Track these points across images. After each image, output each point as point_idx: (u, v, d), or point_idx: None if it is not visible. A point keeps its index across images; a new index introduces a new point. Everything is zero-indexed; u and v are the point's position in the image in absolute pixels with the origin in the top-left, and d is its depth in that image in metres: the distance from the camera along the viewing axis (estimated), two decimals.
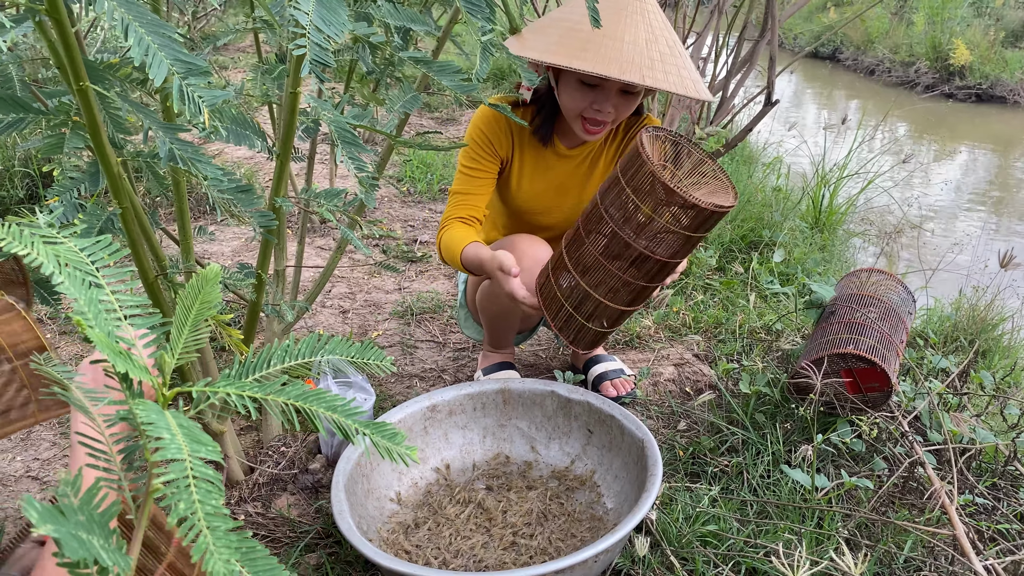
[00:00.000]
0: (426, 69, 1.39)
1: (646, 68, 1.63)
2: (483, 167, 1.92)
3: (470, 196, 1.93)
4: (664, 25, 1.72)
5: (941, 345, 2.53)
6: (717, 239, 3.15)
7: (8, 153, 3.62)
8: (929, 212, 4.76)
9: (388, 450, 0.69)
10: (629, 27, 1.67)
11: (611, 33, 1.65)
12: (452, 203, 1.95)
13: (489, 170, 1.93)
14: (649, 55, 1.65)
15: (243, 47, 7.25)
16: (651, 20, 1.70)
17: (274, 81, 1.69)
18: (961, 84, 8.56)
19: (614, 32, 1.66)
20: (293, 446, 1.90)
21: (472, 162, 1.92)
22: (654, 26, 1.70)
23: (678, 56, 1.70)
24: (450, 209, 1.94)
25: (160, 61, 0.92)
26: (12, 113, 1.17)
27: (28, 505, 0.60)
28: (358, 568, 1.61)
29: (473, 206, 1.93)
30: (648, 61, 1.65)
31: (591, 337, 1.69)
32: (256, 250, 3.18)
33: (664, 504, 1.75)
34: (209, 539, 0.61)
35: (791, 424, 1.98)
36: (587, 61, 1.62)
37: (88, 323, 0.62)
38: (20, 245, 0.62)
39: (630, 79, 1.60)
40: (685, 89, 1.66)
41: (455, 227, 1.90)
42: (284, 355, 0.73)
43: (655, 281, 1.61)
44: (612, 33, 1.65)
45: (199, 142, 1.93)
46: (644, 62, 1.64)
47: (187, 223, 1.61)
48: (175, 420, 0.63)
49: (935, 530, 1.45)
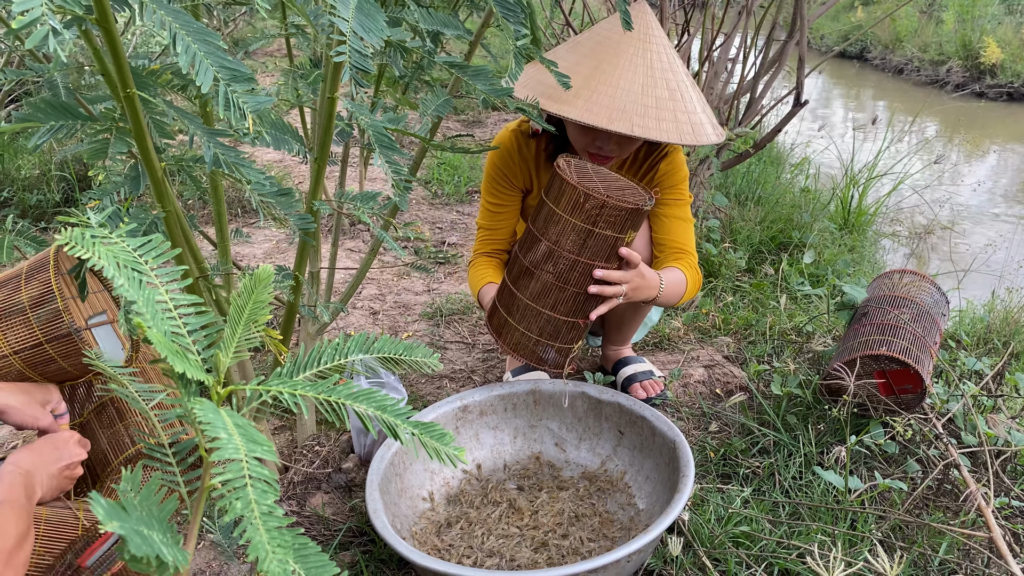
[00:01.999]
0: (460, 73, 1.41)
1: (637, 116, 1.61)
2: (504, 201, 1.98)
3: (494, 231, 2.01)
4: (668, 64, 1.69)
5: (974, 347, 2.51)
6: (746, 241, 3.14)
7: (45, 158, 3.69)
8: (961, 212, 4.70)
9: (437, 451, 0.71)
10: (626, 71, 1.65)
11: (606, 79, 1.64)
12: (479, 238, 2.04)
13: (510, 203, 1.98)
14: (643, 102, 1.63)
15: (271, 51, 7.33)
16: (652, 61, 1.67)
17: (309, 85, 1.71)
18: (992, 83, 8.44)
19: (609, 77, 1.64)
20: (327, 445, 1.93)
21: (493, 197, 1.98)
22: (654, 68, 1.67)
23: (678, 99, 1.67)
24: (478, 244, 2.03)
25: (206, 68, 0.95)
26: (60, 119, 1.20)
27: (95, 502, 0.62)
28: (392, 566, 1.63)
29: (498, 240, 2.02)
30: (641, 108, 1.63)
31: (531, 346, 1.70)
32: (287, 253, 3.22)
33: (696, 505, 1.75)
34: (264, 538, 0.62)
35: (823, 426, 1.97)
36: (576, 108, 1.61)
37: (147, 324, 0.64)
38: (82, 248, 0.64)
39: (618, 129, 1.59)
40: (680, 136, 1.63)
41: (479, 265, 1.99)
42: (335, 353, 0.75)
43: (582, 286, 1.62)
44: (607, 79, 1.64)
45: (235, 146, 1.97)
46: (636, 109, 1.62)
47: (225, 226, 1.64)
48: (231, 419, 0.65)
49: (971, 532, 1.44)
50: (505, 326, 1.70)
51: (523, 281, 1.63)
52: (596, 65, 1.67)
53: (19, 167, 3.67)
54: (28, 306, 1.27)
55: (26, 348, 1.26)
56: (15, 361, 1.27)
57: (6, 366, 1.27)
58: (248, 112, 0.96)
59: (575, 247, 1.55)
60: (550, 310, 1.62)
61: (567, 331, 1.66)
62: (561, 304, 1.62)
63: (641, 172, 1.96)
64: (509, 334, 1.70)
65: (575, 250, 1.55)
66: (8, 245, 1.76)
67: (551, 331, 1.65)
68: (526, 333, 1.67)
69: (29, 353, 1.27)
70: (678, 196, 1.94)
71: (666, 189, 1.93)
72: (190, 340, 0.68)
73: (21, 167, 3.67)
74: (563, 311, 1.63)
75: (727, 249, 3.01)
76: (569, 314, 1.63)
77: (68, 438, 1.22)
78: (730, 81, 3.26)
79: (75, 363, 1.29)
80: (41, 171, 3.64)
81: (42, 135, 1.19)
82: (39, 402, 1.25)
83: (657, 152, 1.93)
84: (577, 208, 1.51)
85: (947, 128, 7.12)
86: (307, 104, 1.84)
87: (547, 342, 1.66)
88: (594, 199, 1.49)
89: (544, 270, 1.59)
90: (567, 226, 1.53)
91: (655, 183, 1.94)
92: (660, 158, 1.93)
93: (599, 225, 1.52)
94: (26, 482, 1.06)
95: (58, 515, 1.17)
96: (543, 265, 1.59)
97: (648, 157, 1.94)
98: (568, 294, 1.60)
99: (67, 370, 1.30)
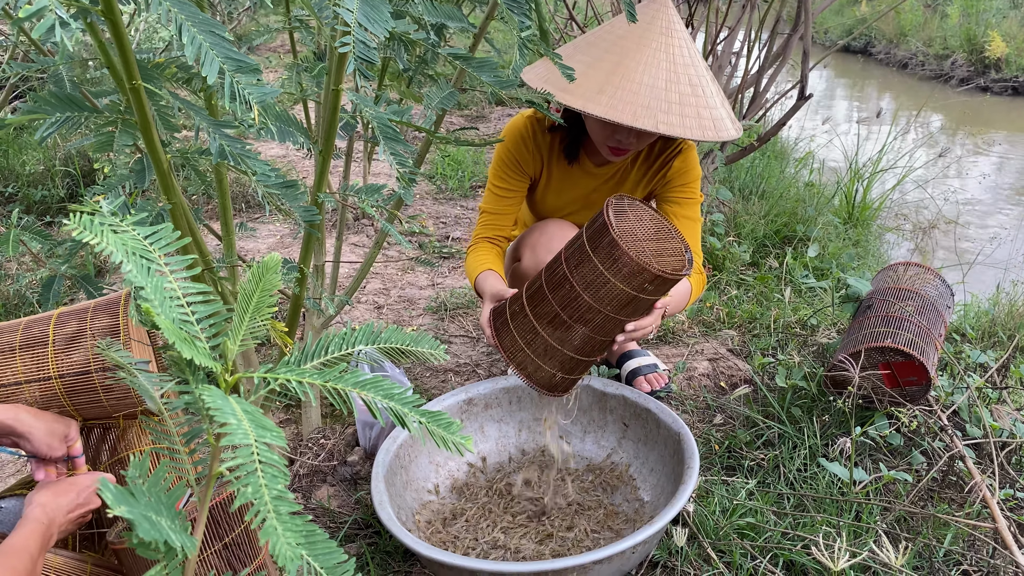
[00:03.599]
0: (465, 65, 1.41)
1: (662, 113, 1.60)
2: (511, 186, 1.95)
3: (498, 216, 1.97)
4: (690, 59, 1.68)
5: (979, 341, 2.51)
6: (751, 235, 3.14)
7: (49, 154, 3.70)
8: (965, 206, 4.69)
9: (443, 439, 0.71)
10: (650, 67, 1.63)
11: (629, 74, 1.62)
12: (481, 222, 1.99)
13: (518, 189, 1.96)
14: (667, 98, 1.62)
15: (274, 47, 7.33)
16: (675, 56, 1.66)
17: (313, 79, 1.72)
18: (997, 77, 8.41)
19: (632, 73, 1.63)
20: (332, 439, 1.93)
21: (501, 181, 1.95)
22: (677, 63, 1.66)
23: (700, 95, 1.66)
24: (479, 228, 1.99)
25: (212, 59, 0.95)
26: (67, 111, 1.21)
27: (104, 487, 0.63)
28: (397, 558, 1.63)
29: (500, 226, 1.98)
30: (665, 105, 1.62)
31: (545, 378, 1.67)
32: (291, 248, 3.23)
33: (701, 497, 1.75)
34: (276, 523, 0.62)
35: (828, 418, 1.97)
36: (601, 105, 1.60)
37: (156, 311, 0.65)
38: (91, 234, 0.64)
39: (643, 126, 1.58)
40: (703, 132, 1.63)
41: (480, 249, 1.95)
42: (342, 342, 0.75)
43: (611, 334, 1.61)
44: (630, 74, 1.63)
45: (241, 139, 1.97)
46: (660, 106, 1.61)
47: (230, 219, 1.64)
48: (240, 406, 0.65)
49: (976, 523, 1.44)
50: (519, 353, 1.66)
51: (549, 321, 1.59)
52: (618, 60, 1.65)
53: (24, 163, 3.68)
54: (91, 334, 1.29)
55: (73, 373, 1.28)
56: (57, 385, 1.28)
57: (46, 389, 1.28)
58: (254, 103, 0.96)
59: (616, 308, 1.52)
60: (574, 352, 1.61)
61: (583, 367, 1.66)
62: (587, 347, 1.60)
63: (655, 168, 1.95)
64: (523, 361, 1.66)
65: (615, 310, 1.53)
66: (14, 239, 1.77)
67: (569, 367, 1.64)
68: (542, 367, 1.64)
69: (74, 379, 1.28)
70: (689, 195, 1.92)
71: (677, 187, 1.92)
72: (198, 328, 0.69)
73: (26, 163, 3.68)
74: (586, 353, 1.61)
75: (731, 243, 3.01)
76: (591, 354, 1.62)
77: (90, 484, 1.21)
78: (734, 75, 3.25)
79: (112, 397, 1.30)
80: (46, 167, 3.64)
81: (48, 127, 1.19)
82: (59, 435, 1.25)
83: (672, 148, 1.92)
84: (629, 277, 1.47)
85: (952, 122, 7.10)
86: (311, 98, 1.84)
87: (562, 375, 1.66)
88: (649, 273, 1.46)
89: (578, 320, 1.55)
90: (613, 289, 1.49)
91: (667, 179, 1.93)
92: (674, 155, 1.92)
93: (646, 292, 1.50)
94: (45, 532, 1.06)
95: (68, 565, 1.17)
96: (577, 316, 1.55)
97: (662, 153, 1.93)
98: (596, 341, 1.59)
99: (102, 403, 1.31)
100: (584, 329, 1.56)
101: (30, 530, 1.04)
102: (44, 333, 1.34)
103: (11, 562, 0.97)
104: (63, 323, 1.34)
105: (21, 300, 2.63)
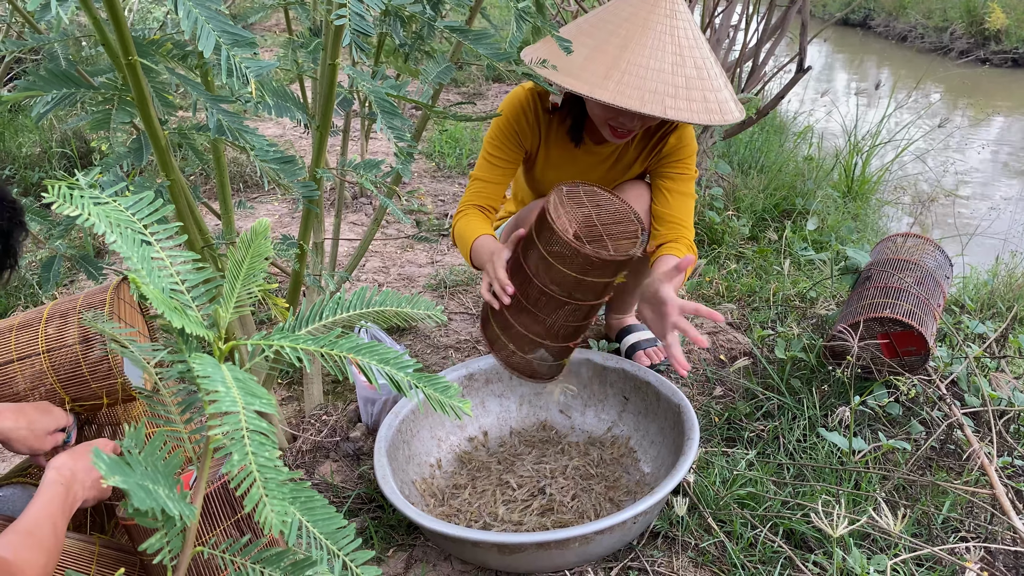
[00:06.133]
0: (462, 38, 1.40)
1: (669, 97, 1.60)
2: (507, 156, 1.92)
3: (490, 185, 1.94)
4: (695, 40, 1.68)
5: (978, 312, 2.51)
6: (749, 208, 3.14)
7: (46, 136, 3.69)
8: (964, 178, 4.68)
9: (440, 403, 0.71)
10: (655, 51, 1.62)
11: (635, 59, 1.61)
12: (472, 189, 1.95)
13: (513, 160, 1.93)
14: (673, 82, 1.62)
15: (269, 26, 7.27)
16: (680, 39, 1.65)
17: (309, 55, 1.71)
18: (997, 49, 8.37)
19: (638, 58, 1.62)
20: (334, 415, 1.94)
21: (497, 150, 1.92)
22: (682, 46, 1.65)
23: (705, 78, 1.65)
24: (469, 195, 1.95)
25: (208, 33, 0.95)
26: (63, 88, 1.20)
27: (97, 457, 0.63)
28: (400, 531, 1.65)
29: (492, 196, 1.94)
30: (672, 89, 1.61)
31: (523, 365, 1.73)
32: (290, 227, 3.22)
33: (701, 468, 1.76)
34: (262, 490, 0.63)
35: (827, 388, 1.98)
36: (608, 91, 1.59)
37: (143, 280, 0.65)
38: (71, 206, 0.64)
39: (651, 111, 1.57)
40: (710, 116, 1.62)
41: (471, 214, 1.91)
42: (336, 308, 0.75)
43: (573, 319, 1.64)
44: (636, 59, 1.61)
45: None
46: (667, 91, 1.60)
47: (228, 197, 1.64)
48: (231, 373, 0.65)
49: (975, 490, 1.45)
50: (498, 342, 1.72)
51: (514, 308, 1.63)
52: (623, 44, 1.64)
53: (20, 145, 3.66)
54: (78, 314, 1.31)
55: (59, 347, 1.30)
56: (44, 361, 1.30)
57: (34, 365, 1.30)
58: (251, 77, 0.96)
59: (566, 291, 1.54)
60: (542, 338, 1.64)
61: (558, 353, 1.69)
62: (553, 333, 1.63)
63: (650, 145, 1.94)
64: (502, 350, 1.72)
65: (567, 293, 1.55)
66: None
67: (542, 354, 1.67)
68: (518, 353, 1.69)
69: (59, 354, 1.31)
70: (683, 171, 1.92)
71: (673, 163, 1.92)
72: (189, 296, 0.69)
73: (22, 145, 3.67)
74: (554, 339, 1.65)
75: (730, 217, 3.00)
76: (559, 340, 1.65)
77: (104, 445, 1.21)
78: (732, 48, 3.23)
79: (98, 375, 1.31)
80: (43, 148, 3.63)
81: (45, 104, 1.19)
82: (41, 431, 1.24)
83: (668, 124, 1.92)
84: (568, 260, 1.50)
85: (951, 94, 7.07)
86: (308, 74, 1.83)
87: (539, 361, 1.69)
88: (583, 256, 1.47)
89: (536, 305, 1.59)
90: (558, 274, 1.52)
91: (663, 155, 1.92)
92: (670, 131, 1.91)
93: (591, 275, 1.51)
94: (66, 495, 1.06)
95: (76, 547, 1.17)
96: (536, 301, 1.59)
97: (659, 129, 1.93)
98: (559, 325, 1.61)
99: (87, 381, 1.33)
100: (543, 315, 1.59)
101: (49, 496, 1.04)
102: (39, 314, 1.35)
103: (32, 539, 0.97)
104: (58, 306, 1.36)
105: (21, 282, 2.63)
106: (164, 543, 0.78)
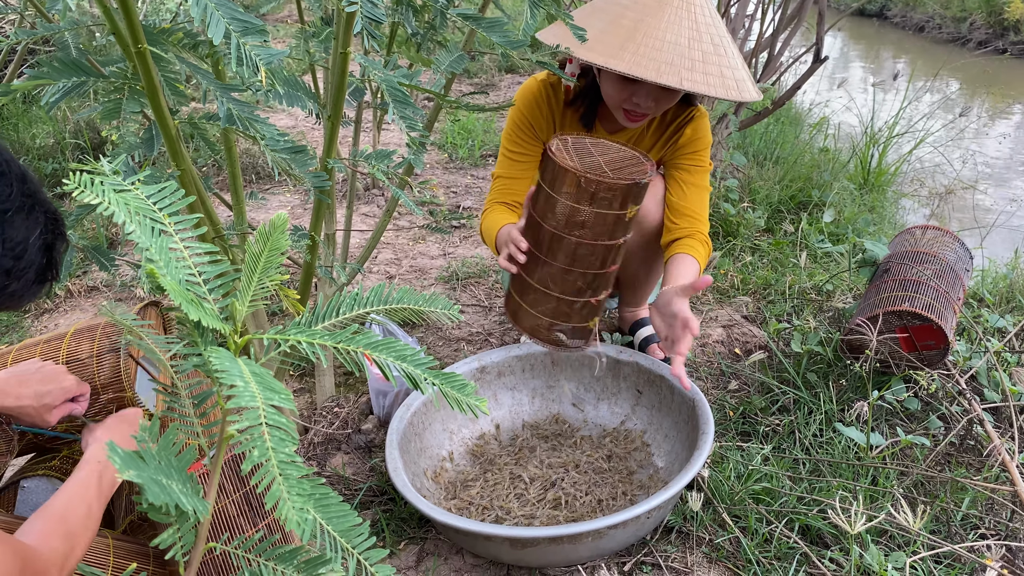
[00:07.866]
0: (475, 25, 1.38)
1: (685, 70, 1.57)
2: (525, 150, 1.91)
3: (512, 181, 1.92)
4: (711, 19, 1.65)
5: (997, 306, 2.48)
6: (765, 200, 3.10)
7: (59, 127, 3.69)
8: (984, 170, 4.62)
9: (458, 400, 0.70)
10: (672, 24, 1.60)
11: (652, 32, 1.59)
12: (495, 187, 1.94)
13: (532, 152, 1.92)
14: (691, 55, 1.59)
15: (281, 18, 7.26)
16: (696, 15, 1.63)
17: (321, 44, 1.69)
18: (1016, 39, 8.26)
19: (654, 31, 1.59)
20: (346, 407, 1.93)
21: (515, 145, 1.91)
22: (699, 22, 1.63)
23: (722, 55, 1.63)
24: (493, 193, 1.94)
25: (218, 20, 0.93)
26: (73, 77, 1.19)
27: (111, 451, 0.62)
28: (412, 524, 1.64)
29: (516, 191, 1.92)
30: (689, 63, 1.58)
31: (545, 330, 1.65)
32: (302, 218, 3.22)
33: (715, 463, 1.74)
34: (283, 487, 0.61)
35: (844, 382, 1.96)
36: (624, 61, 1.56)
37: (160, 271, 0.63)
38: (92, 194, 0.63)
39: (667, 82, 1.54)
40: (727, 91, 1.59)
41: (496, 209, 1.90)
42: (353, 304, 0.74)
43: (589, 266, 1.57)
44: (653, 31, 1.59)
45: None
46: (684, 63, 1.58)
47: (239, 187, 1.63)
48: (248, 368, 0.64)
49: (995, 486, 1.43)
50: (520, 310, 1.65)
51: (530, 266, 1.58)
52: (639, 18, 1.62)
53: (33, 136, 3.67)
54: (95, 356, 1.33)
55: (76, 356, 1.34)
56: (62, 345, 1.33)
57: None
58: (261, 65, 0.94)
59: (576, 229, 1.50)
60: (560, 293, 1.58)
61: (580, 310, 1.62)
62: (570, 285, 1.57)
63: (666, 135, 1.92)
64: (523, 318, 1.65)
65: (577, 231, 1.50)
66: None
67: (564, 313, 1.60)
68: (540, 316, 1.62)
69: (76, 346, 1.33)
70: (699, 163, 1.89)
71: (688, 155, 1.89)
72: (205, 289, 0.67)
73: (36, 135, 3.67)
74: (573, 292, 1.58)
75: (745, 209, 2.97)
76: (579, 294, 1.58)
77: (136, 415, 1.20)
78: (748, 38, 3.20)
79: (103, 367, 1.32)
80: (56, 139, 3.64)
81: (55, 93, 1.18)
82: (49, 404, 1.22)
83: (684, 116, 1.89)
84: (573, 190, 1.45)
85: (969, 85, 6.98)
86: (319, 63, 1.82)
87: (561, 323, 1.62)
88: (588, 179, 1.43)
89: (548, 254, 1.54)
90: (565, 209, 1.47)
91: (678, 146, 1.90)
92: (686, 122, 1.89)
93: (598, 205, 1.48)
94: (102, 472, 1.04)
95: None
96: (547, 249, 1.54)
97: (675, 120, 1.90)
98: (575, 275, 1.55)
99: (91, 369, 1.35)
100: (556, 262, 1.53)
101: (86, 472, 1.02)
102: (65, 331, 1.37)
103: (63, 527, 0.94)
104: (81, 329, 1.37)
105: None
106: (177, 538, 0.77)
